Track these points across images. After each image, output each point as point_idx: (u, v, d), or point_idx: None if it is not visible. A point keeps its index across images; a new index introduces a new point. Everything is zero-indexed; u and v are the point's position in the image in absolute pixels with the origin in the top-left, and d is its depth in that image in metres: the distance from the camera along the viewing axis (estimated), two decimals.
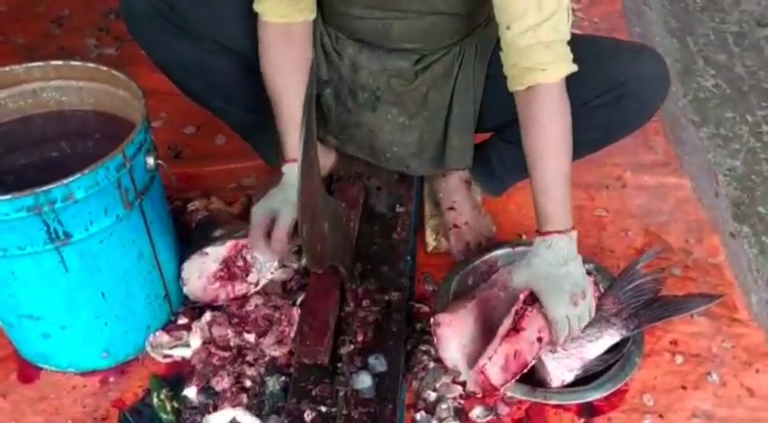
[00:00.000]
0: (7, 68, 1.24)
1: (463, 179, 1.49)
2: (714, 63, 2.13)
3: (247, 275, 1.31)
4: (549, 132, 1.15)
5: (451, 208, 1.46)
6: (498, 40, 1.18)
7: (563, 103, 1.15)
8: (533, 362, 1.14)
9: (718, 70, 2.10)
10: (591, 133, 1.24)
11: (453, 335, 1.13)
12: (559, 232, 1.14)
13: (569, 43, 1.16)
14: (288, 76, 1.24)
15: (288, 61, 1.25)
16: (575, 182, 1.58)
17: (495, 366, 1.11)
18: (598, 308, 1.21)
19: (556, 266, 1.14)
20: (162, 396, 1.19)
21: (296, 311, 1.27)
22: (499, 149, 1.41)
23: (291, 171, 1.20)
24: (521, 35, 1.13)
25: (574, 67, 1.15)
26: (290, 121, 1.24)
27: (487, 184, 1.50)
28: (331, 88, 1.38)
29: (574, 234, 1.15)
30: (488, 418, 1.16)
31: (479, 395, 1.18)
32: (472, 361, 1.14)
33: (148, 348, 1.26)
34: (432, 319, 1.17)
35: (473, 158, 1.40)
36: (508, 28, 1.14)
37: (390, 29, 1.29)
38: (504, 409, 1.17)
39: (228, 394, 1.19)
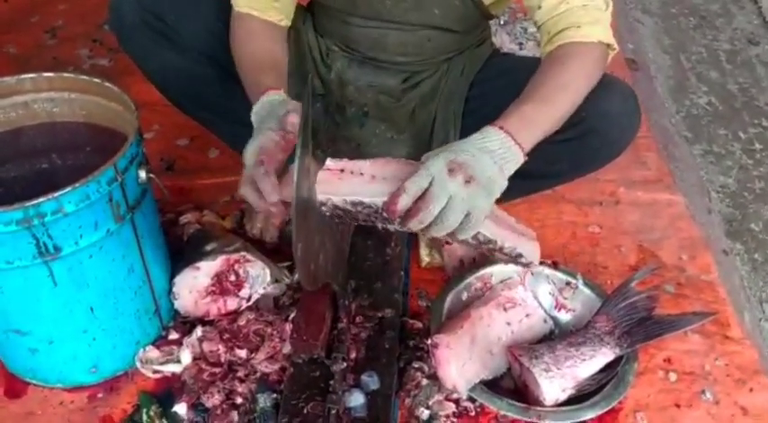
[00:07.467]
0: None
1: None
2: (707, 80, 2.14)
3: (239, 290, 1.30)
4: (566, 69, 1.05)
5: None
6: (486, 60, 1.15)
7: (595, 66, 1.06)
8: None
9: (710, 87, 2.11)
10: (558, 166, 1.19)
11: (452, 356, 1.12)
12: (502, 128, 1.00)
13: (533, 65, 1.12)
14: (261, 51, 1.20)
15: (261, 46, 1.21)
16: (568, 198, 1.61)
17: None
18: (591, 326, 1.20)
19: (470, 144, 0.99)
20: (151, 412, 1.17)
21: (288, 327, 1.26)
22: None
23: (274, 97, 1.10)
24: (554, 6, 1.10)
25: (612, 40, 1.09)
26: (260, 71, 1.14)
27: None
28: (321, 102, 1.38)
29: (517, 150, 1.00)
30: None
31: (472, 414, 1.17)
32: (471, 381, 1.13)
33: (138, 364, 1.25)
34: (429, 341, 1.16)
35: None
36: (539, 7, 1.12)
37: (386, 40, 1.30)
38: None
39: (219, 411, 1.17)
